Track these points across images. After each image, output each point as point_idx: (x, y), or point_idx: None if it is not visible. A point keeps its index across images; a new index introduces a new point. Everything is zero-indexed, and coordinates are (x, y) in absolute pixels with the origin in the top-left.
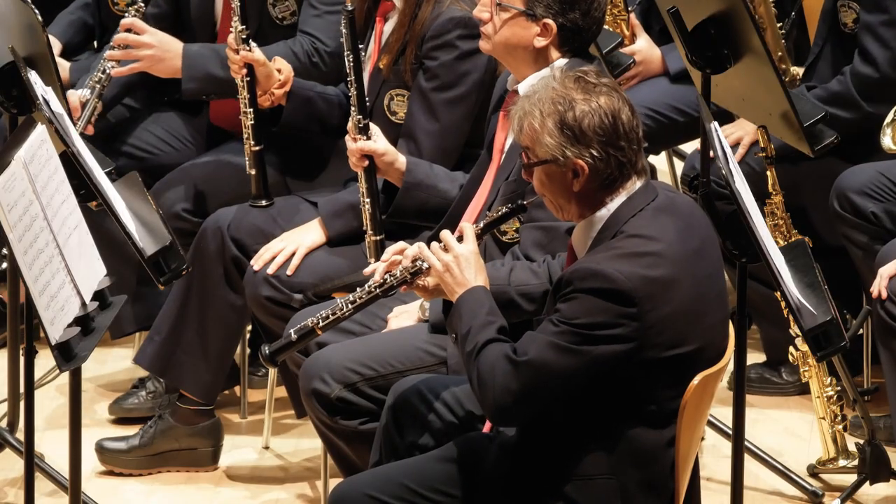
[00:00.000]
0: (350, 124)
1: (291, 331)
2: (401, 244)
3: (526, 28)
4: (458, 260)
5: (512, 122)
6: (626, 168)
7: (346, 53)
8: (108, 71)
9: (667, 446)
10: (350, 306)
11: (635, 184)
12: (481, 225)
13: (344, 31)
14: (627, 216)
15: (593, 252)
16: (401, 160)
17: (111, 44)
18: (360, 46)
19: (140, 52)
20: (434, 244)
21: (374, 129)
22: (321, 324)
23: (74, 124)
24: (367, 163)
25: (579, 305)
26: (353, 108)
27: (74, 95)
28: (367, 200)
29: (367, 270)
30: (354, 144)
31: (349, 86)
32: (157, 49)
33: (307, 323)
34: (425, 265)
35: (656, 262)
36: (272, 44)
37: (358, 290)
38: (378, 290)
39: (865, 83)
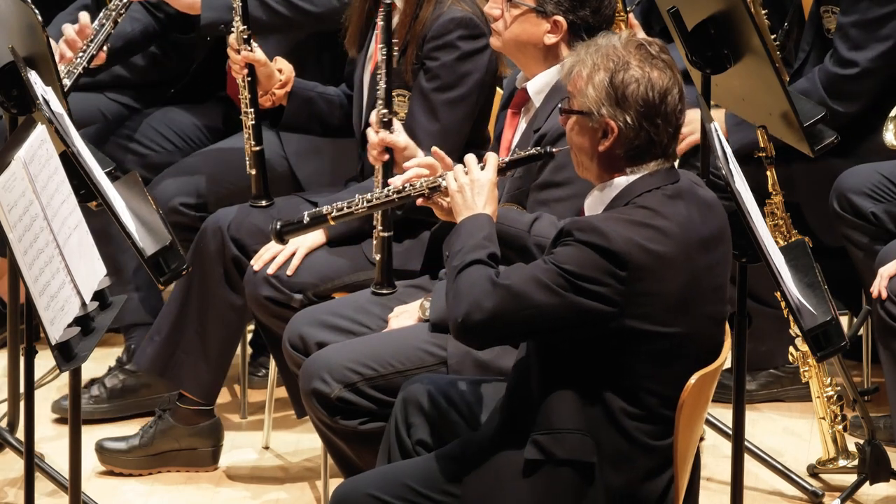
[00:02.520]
0: (374, 117)
1: (305, 213)
2: (428, 159)
3: (536, 25)
4: (473, 184)
5: (563, 64)
6: (655, 146)
7: (379, 46)
8: None
9: (636, 419)
10: (365, 204)
11: (661, 165)
12: (506, 160)
13: (380, 23)
14: (642, 190)
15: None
16: (419, 157)
17: None
18: (387, 46)
19: None
20: (458, 166)
21: (397, 124)
22: (334, 213)
23: (83, 50)
24: (387, 157)
25: (573, 253)
26: (379, 102)
27: (85, 16)
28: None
29: (391, 179)
30: (376, 137)
31: (378, 78)
32: None
33: (321, 210)
34: (444, 183)
35: (657, 236)
36: None
37: (377, 190)
38: (395, 196)
39: (832, 81)
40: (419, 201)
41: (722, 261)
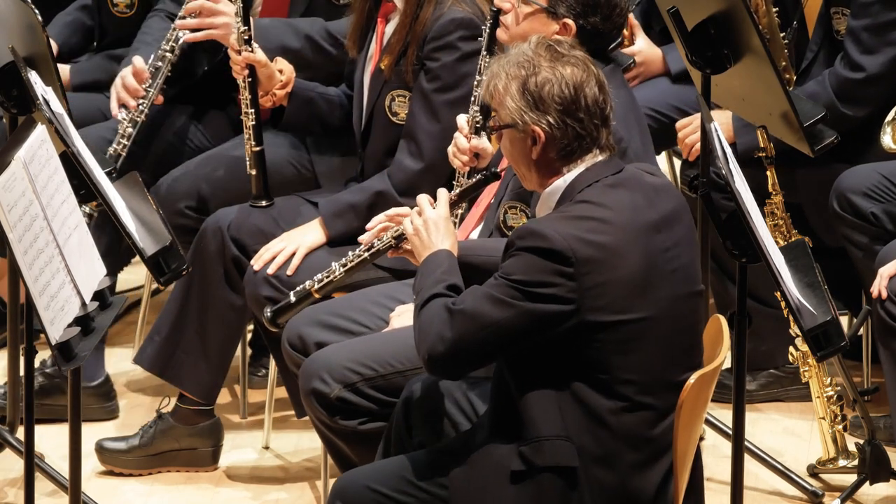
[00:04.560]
0: (463, 122)
1: (291, 294)
2: (393, 210)
3: (545, 25)
4: (427, 224)
5: (481, 83)
6: (585, 140)
7: (482, 55)
8: (180, 38)
9: (618, 413)
10: (342, 269)
11: (596, 157)
12: (456, 192)
13: (486, 30)
14: (583, 186)
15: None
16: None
17: (181, 13)
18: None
19: (216, 19)
20: (406, 209)
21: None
22: (317, 286)
23: (145, 93)
24: (476, 163)
25: (518, 262)
26: (473, 107)
27: (140, 60)
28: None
29: (361, 237)
30: (468, 143)
31: (476, 84)
32: (231, 18)
33: (305, 286)
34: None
35: (599, 227)
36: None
37: (350, 253)
38: (367, 254)
39: (843, 85)
40: (390, 253)
41: (680, 241)
